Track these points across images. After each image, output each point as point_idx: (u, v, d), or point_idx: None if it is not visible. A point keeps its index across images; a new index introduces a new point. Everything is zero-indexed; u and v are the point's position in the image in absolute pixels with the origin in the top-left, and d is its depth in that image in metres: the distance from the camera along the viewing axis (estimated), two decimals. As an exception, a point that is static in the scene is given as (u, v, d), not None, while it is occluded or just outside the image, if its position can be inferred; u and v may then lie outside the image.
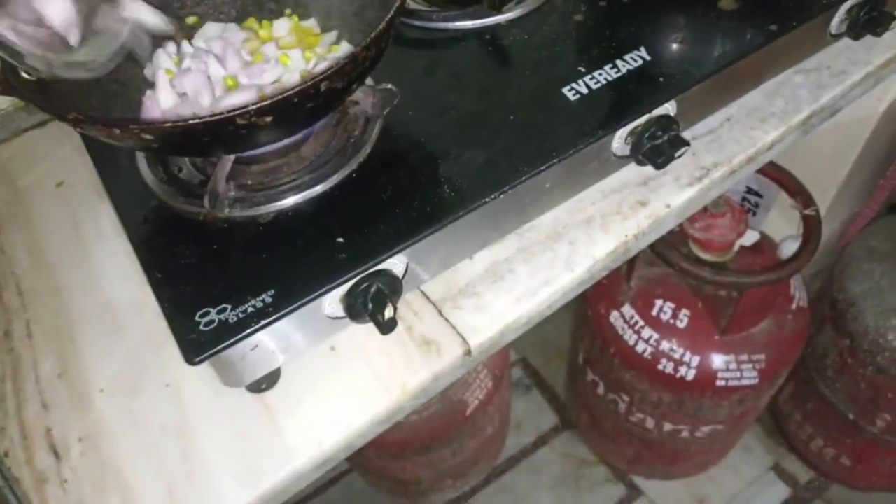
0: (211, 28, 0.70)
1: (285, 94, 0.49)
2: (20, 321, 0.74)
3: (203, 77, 0.62)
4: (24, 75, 0.55)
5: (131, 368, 0.68)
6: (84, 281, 0.76)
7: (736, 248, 1.18)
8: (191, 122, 0.48)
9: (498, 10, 0.77)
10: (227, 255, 0.60)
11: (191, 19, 0.71)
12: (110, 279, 0.75)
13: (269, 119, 0.50)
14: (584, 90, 0.70)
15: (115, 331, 0.71)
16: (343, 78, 0.53)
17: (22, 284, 0.77)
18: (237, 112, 0.48)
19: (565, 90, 0.70)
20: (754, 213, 1.33)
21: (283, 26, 0.70)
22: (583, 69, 0.72)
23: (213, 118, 0.48)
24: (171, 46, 0.69)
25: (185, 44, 0.68)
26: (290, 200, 0.63)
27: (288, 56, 0.63)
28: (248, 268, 0.59)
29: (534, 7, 0.80)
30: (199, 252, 0.60)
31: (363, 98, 0.66)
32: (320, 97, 0.52)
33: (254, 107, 0.49)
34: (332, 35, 0.70)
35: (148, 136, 0.49)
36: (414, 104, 0.70)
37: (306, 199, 0.63)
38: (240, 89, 0.61)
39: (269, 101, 0.49)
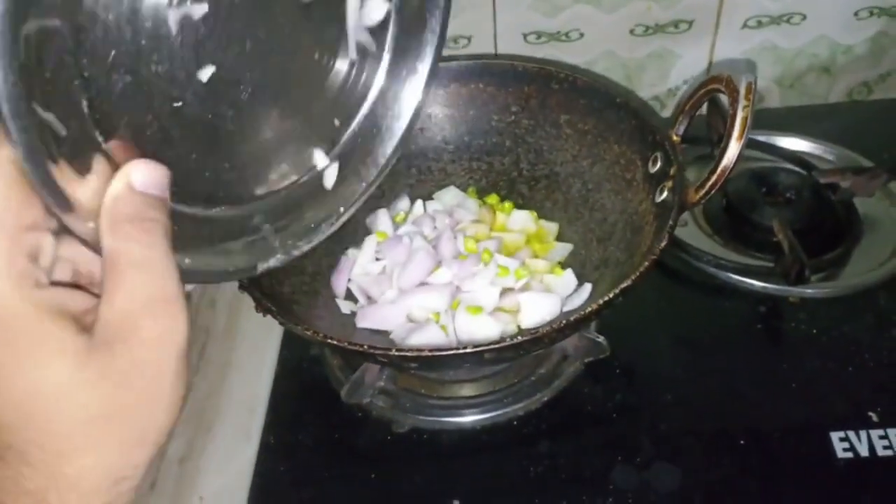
0: (451, 194, 0.65)
1: (520, 341, 0.41)
2: (184, 384, 0.76)
3: (405, 253, 0.57)
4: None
5: (238, 488, 0.65)
6: (252, 370, 0.75)
7: None
8: (410, 354, 0.43)
9: (793, 283, 0.59)
10: (339, 452, 0.53)
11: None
12: (270, 377, 0.74)
13: (487, 356, 0.42)
14: (864, 450, 0.49)
15: (245, 437, 0.69)
16: (573, 329, 0.43)
17: (207, 347, 0.80)
18: (470, 351, 0.41)
19: (836, 437, 0.50)
20: None
21: (521, 219, 0.62)
22: (874, 417, 0.51)
23: (436, 354, 0.42)
24: (404, 201, 0.65)
25: (419, 203, 0.64)
26: (432, 419, 0.54)
27: (506, 268, 0.54)
28: (348, 481, 0.51)
29: (843, 292, 0.61)
30: (319, 434, 0.54)
31: (567, 340, 0.55)
32: (545, 343, 0.43)
33: (484, 348, 0.41)
34: (565, 248, 0.60)
35: (383, 360, 0.45)
36: (635, 350, 0.56)
37: (448, 426, 0.54)
38: (431, 287, 0.54)
39: (500, 345, 0.41)
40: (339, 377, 0.58)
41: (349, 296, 0.58)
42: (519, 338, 0.41)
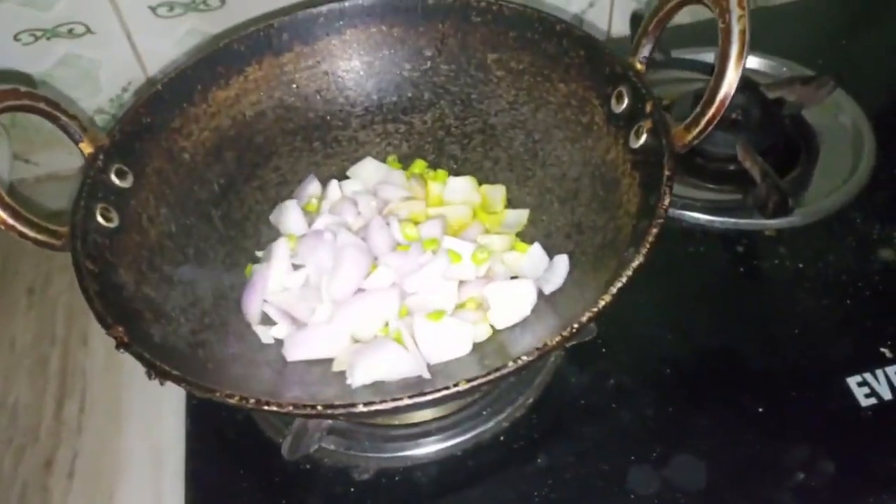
0: (370, 167, 0.53)
1: (495, 376, 0.30)
2: (68, 450, 0.60)
3: (330, 253, 0.45)
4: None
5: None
6: (149, 411, 0.61)
7: None
8: (382, 407, 0.31)
9: (771, 215, 0.52)
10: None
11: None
12: (174, 416, 0.60)
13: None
14: (885, 392, 0.44)
15: (156, 497, 0.56)
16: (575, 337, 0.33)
17: (87, 395, 0.64)
18: (451, 391, 0.30)
19: (853, 382, 0.45)
20: None
21: (461, 187, 0.51)
22: (887, 353, 0.46)
23: (415, 401, 0.30)
24: (313, 184, 0.53)
25: (333, 185, 0.51)
26: (399, 454, 0.44)
27: (457, 254, 0.44)
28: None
29: (816, 217, 0.55)
30: (259, 498, 0.43)
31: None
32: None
33: (472, 384, 0.31)
34: (520, 215, 0.50)
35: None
36: (615, 322, 0.48)
37: (422, 458, 0.44)
38: (371, 294, 0.43)
39: (488, 378, 0.31)
40: (273, 421, 0.46)
41: (267, 319, 0.45)
42: (518, 361, 0.31)
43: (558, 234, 0.47)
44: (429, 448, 0.44)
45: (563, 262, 0.44)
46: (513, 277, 0.45)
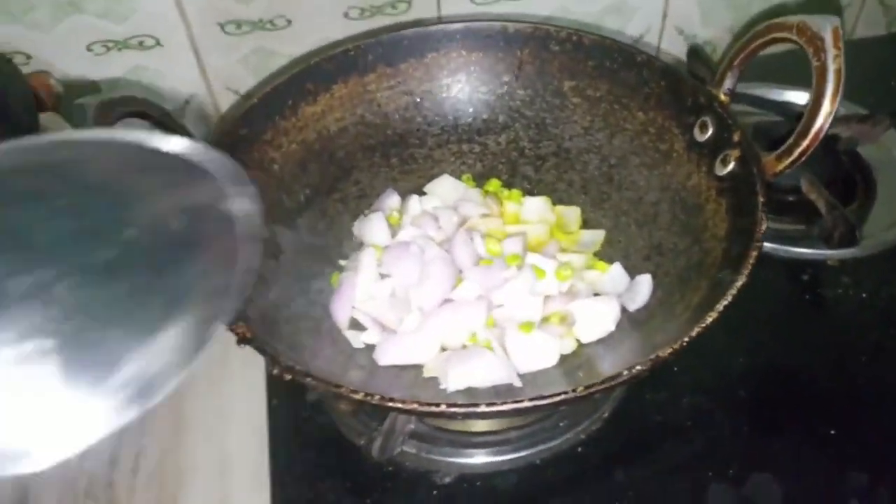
0: (446, 184, 0.55)
1: (611, 384, 0.32)
2: (131, 448, 0.61)
3: (416, 265, 0.46)
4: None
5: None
6: (210, 414, 0.62)
7: None
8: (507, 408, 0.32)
9: (837, 245, 0.54)
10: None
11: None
12: (237, 421, 0.61)
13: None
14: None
15: (221, 491, 0.56)
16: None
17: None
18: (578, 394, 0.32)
19: (926, 417, 0.46)
20: None
21: (536, 207, 0.53)
22: (957, 385, 0.47)
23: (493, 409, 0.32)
24: (393, 198, 0.54)
25: (414, 200, 0.53)
26: (479, 460, 0.45)
27: (542, 269, 0.45)
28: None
29: (878, 249, 0.56)
30: (344, 498, 0.44)
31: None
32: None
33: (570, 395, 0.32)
34: (596, 236, 0.52)
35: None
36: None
37: (501, 466, 0.45)
38: (460, 305, 0.44)
39: (572, 395, 0.32)
40: (353, 424, 0.47)
41: (356, 324, 0.47)
42: (633, 370, 0.32)
43: (636, 255, 0.49)
44: (507, 455, 0.45)
45: (646, 281, 0.45)
46: (595, 294, 0.46)
